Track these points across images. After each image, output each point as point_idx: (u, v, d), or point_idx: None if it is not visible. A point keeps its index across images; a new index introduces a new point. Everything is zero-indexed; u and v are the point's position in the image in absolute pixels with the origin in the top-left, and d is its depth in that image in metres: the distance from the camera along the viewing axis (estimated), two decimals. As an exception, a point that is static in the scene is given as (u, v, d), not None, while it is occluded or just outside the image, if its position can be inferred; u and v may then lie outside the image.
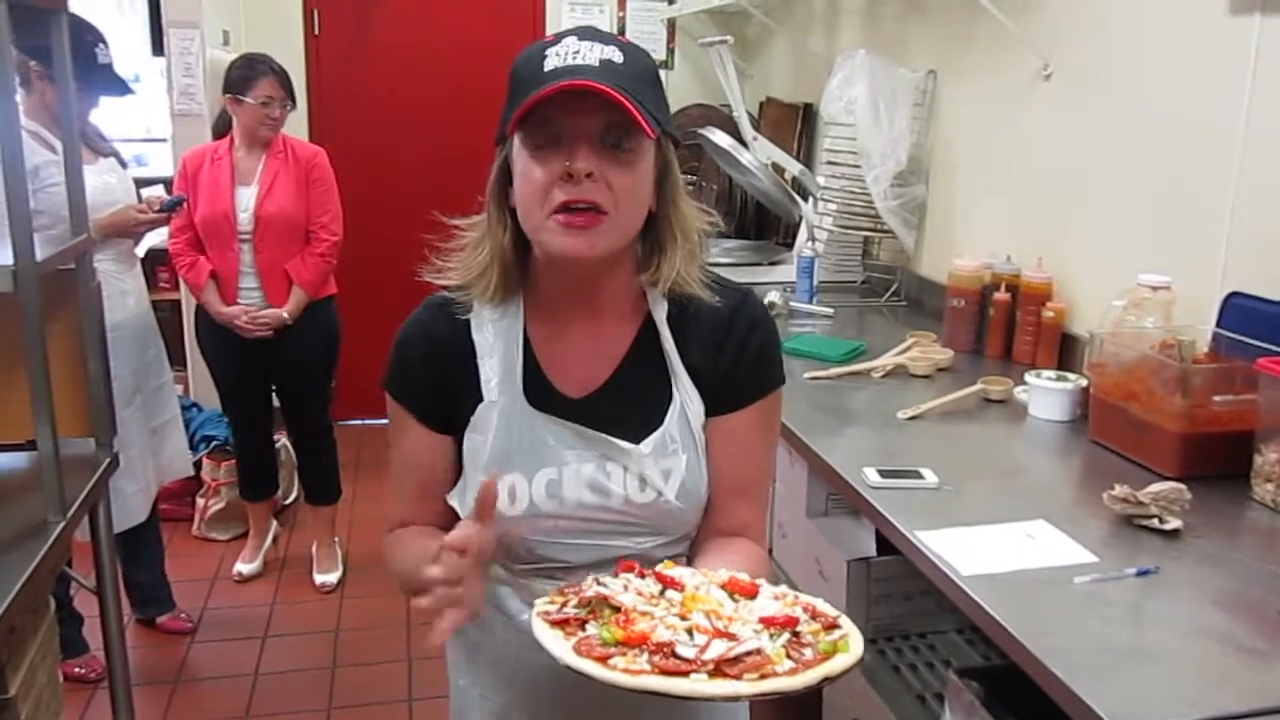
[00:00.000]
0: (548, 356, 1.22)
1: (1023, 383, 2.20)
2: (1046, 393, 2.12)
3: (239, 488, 3.68)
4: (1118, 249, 2.31)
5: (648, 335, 1.23)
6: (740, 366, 1.22)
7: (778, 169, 3.54)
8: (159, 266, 4.25)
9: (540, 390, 1.21)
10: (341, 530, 3.81)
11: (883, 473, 1.80)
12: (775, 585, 1.06)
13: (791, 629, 0.98)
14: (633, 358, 1.23)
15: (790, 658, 0.94)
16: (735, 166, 3.46)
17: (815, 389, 2.32)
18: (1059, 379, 2.14)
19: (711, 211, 1.28)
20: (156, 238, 3.46)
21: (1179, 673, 1.26)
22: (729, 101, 3.58)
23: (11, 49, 1.67)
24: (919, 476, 1.79)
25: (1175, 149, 2.14)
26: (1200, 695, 1.19)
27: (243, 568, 3.60)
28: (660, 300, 1.22)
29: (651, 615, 0.97)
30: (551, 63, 1.09)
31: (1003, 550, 1.54)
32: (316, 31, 4.65)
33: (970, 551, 1.53)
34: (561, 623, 0.99)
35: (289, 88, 3.24)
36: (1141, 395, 1.86)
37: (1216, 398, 1.79)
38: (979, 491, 1.79)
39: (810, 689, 0.93)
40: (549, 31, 4.67)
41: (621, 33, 4.74)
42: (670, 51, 4.85)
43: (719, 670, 0.91)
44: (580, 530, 1.21)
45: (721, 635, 0.95)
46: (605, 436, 1.19)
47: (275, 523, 3.80)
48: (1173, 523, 1.58)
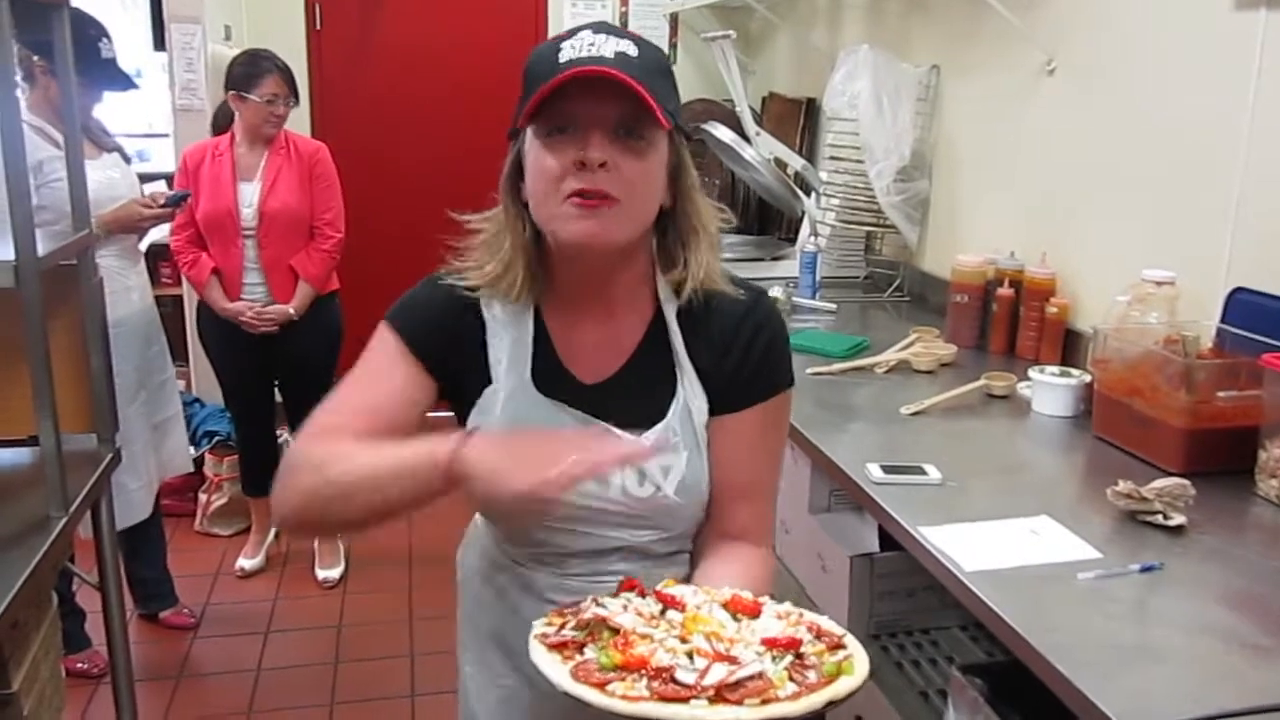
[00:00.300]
0: (563, 342, 1.23)
1: (1026, 378, 2.20)
2: (1050, 388, 2.12)
3: (241, 483, 3.69)
4: (1122, 244, 2.31)
5: (658, 329, 1.23)
6: (747, 366, 1.21)
7: (780, 164, 3.53)
8: (161, 262, 4.25)
9: (555, 375, 1.22)
10: (344, 526, 3.81)
11: (886, 468, 1.79)
12: (780, 603, 1.04)
13: (795, 650, 0.96)
14: (643, 350, 1.23)
15: (793, 680, 0.93)
16: (738, 161, 3.45)
17: (818, 384, 2.32)
18: (1063, 374, 2.14)
19: (724, 208, 1.27)
20: (158, 233, 3.46)
21: (1184, 669, 1.25)
22: (731, 96, 3.57)
23: (14, 43, 1.67)
24: (922, 472, 1.78)
25: (1180, 144, 2.14)
26: (1205, 692, 1.19)
27: (245, 563, 3.61)
28: (673, 297, 1.22)
29: (651, 638, 0.96)
30: (566, 55, 1.09)
31: (1006, 546, 1.53)
32: (318, 26, 4.64)
33: (974, 547, 1.52)
34: (560, 646, 0.98)
35: (293, 84, 3.24)
36: (1145, 391, 1.86)
37: (1221, 393, 1.78)
38: (982, 487, 1.79)
39: (814, 713, 0.92)
40: (551, 27, 4.69)
41: (624, 27, 4.74)
42: (673, 46, 4.84)
43: (720, 696, 0.90)
44: (579, 518, 1.21)
45: (722, 659, 0.93)
46: (607, 426, 1.19)
47: (278, 518, 3.80)
48: (1177, 519, 1.57)
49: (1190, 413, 1.77)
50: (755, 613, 1.02)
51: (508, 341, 1.21)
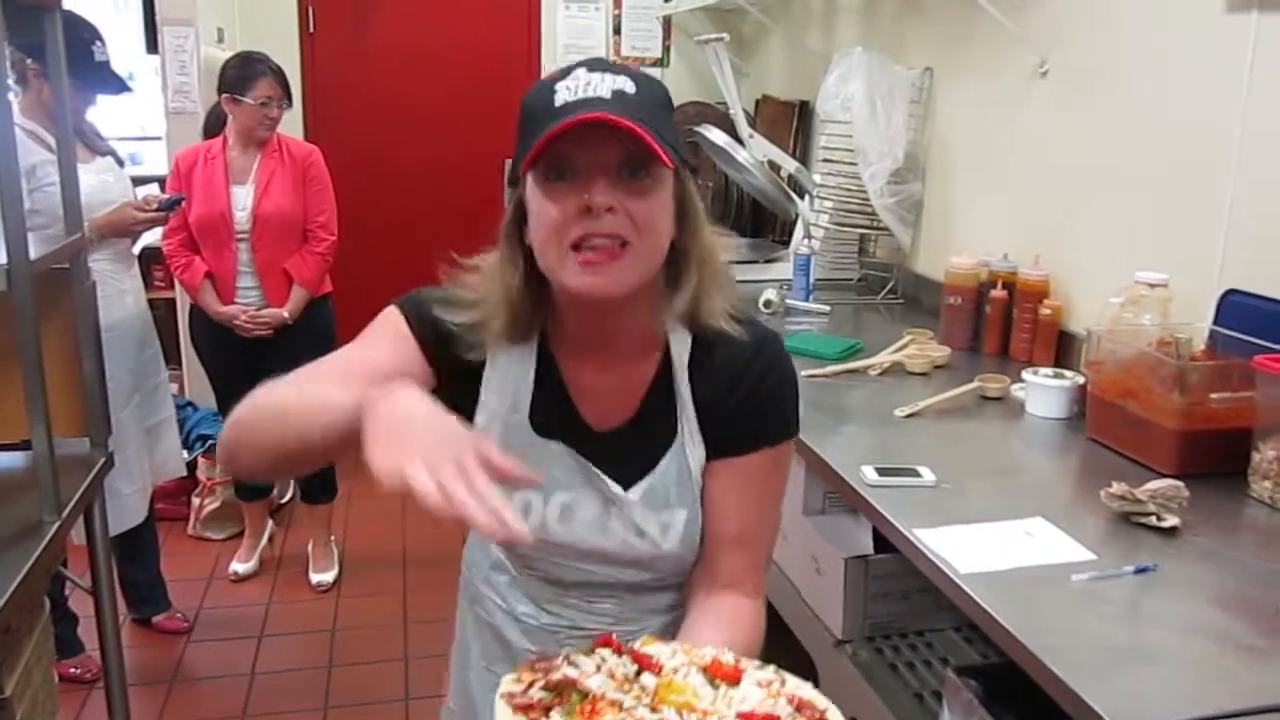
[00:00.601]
0: (575, 383, 1.20)
1: (1020, 380, 2.20)
2: (1044, 390, 2.12)
3: (234, 487, 3.68)
4: (1115, 246, 2.31)
5: (666, 372, 1.19)
6: (748, 408, 1.17)
7: (774, 167, 3.54)
8: (154, 265, 4.23)
9: (564, 416, 1.19)
10: (338, 529, 3.80)
11: (880, 471, 1.79)
12: (762, 668, 0.98)
13: None
14: (651, 396, 1.20)
15: None
16: (731, 164, 3.45)
17: (812, 387, 2.32)
18: (1056, 376, 2.14)
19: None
20: (151, 236, 3.45)
21: (1177, 670, 1.26)
22: (725, 99, 3.58)
23: (7, 46, 1.66)
24: (916, 474, 1.79)
25: (1172, 146, 2.14)
26: (1199, 693, 1.19)
27: (238, 567, 3.60)
28: (682, 337, 1.18)
29: (620, 705, 0.91)
30: (562, 97, 1.06)
31: (1001, 548, 1.54)
32: (311, 29, 4.64)
33: (968, 549, 1.52)
34: (525, 707, 0.93)
35: (286, 87, 3.23)
36: (1139, 392, 1.86)
37: (1214, 395, 1.78)
38: (977, 489, 1.79)
39: None
40: (544, 29, 4.69)
41: (617, 31, 4.74)
42: (666, 49, 4.84)
43: None
44: (575, 555, 1.20)
45: None
46: (601, 476, 1.18)
47: (271, 522, 3.80)
48: (1170, 520, 1.58)
49: (1183, 414, 1.77)
50: (735, 679, 0.96)
51: (505, 380, 1.18)
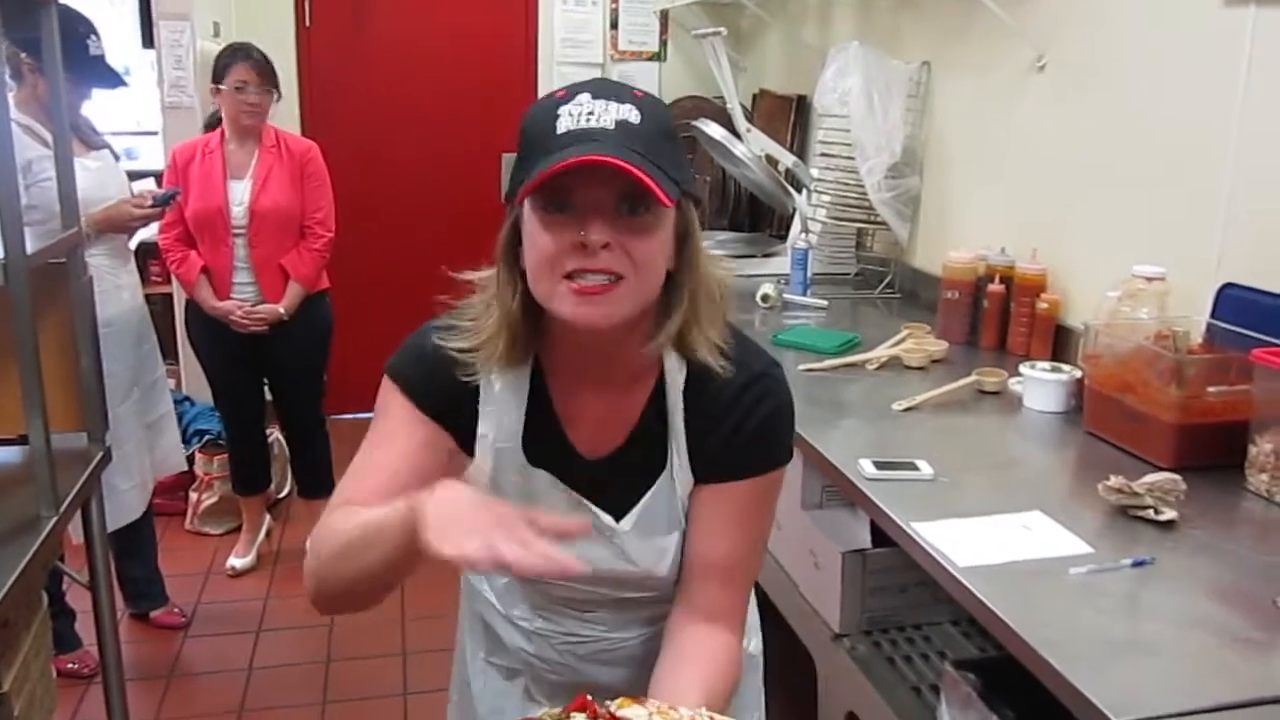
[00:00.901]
0: (565, 410, 1.19)
1: (1017, 374, 2.20)
2: (1041, 384, 2.12)
3: (232, 482, 3.67)
4: (1112, 240, 2.31)
5: (658, 401, 1.18)
6: (740, 436, 1.15)
7: (771, 161, 3.53)
8: (151, 260, 4.23)
9: (554, 444, 1.18)
10: (335, 524, 3.79)
11: (878, 464, 1.79)
12: None
13: None
14: (643, 424, 1.18)
15: None
16: (729, 158, 3.45)
17: (809, 381, 2.32)
18: (1053, 370, 2.14)
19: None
20: (147, 231, 3.44)
21: (1175, 663, 1.26)
22: (722, 93, 3.57)
23: (2, 41, 1.66)
24: (914, 468, 1.79)
25: (1170, 140, 2.14)
26: (1196, 686, 1.19)
27: (236, 562, 3.60)
28: (676, 366, 1.16)
29: None
30: (564, 124, 1.03)
31: (998, 541, 1.54)
32: (308, 23, 4.63)
33: (966, 543, 1.53)
34: None
35: (266, 74, 3.19)
36: (1136, 386, 1.86)
37: (1211, 389, 1.79)
38: (974, 483, 1.79)
39: None
40: (541, 24, 4.68)
41: (614, 25, 4.74)
42: (663, 43, 4.84)
43: None
44: (567, 577, 1.21)
45: None
46: (592, 508, 1.18)
47: (268, 517, 3.80)
48: (1168, 513, 1.58)
49: (1181, 408, 1.77)
50: None
51: (501, 409, 1.17)
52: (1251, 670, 1.23)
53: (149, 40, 4.36)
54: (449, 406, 1.16)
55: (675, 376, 1.16)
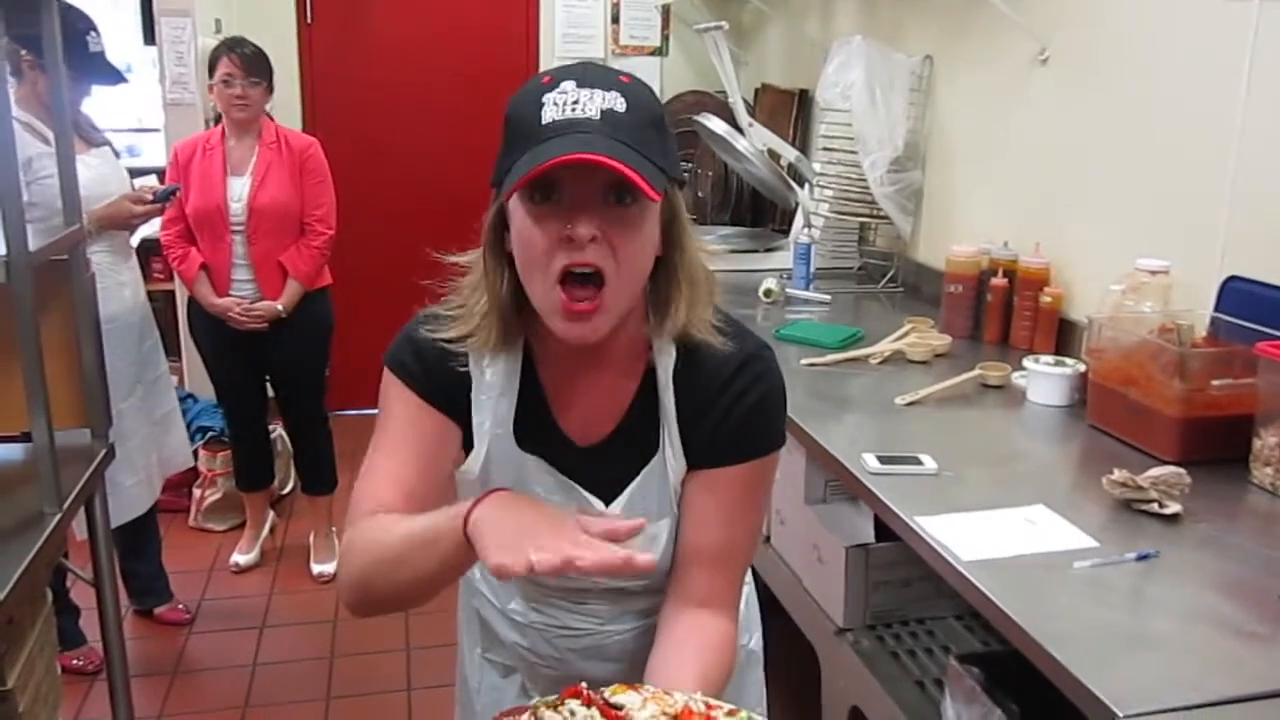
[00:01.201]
0: (556, 396, 1.19)
1: (1021, 368, 2.20)
2: (1045, 378, 2.12)
3: (235, 478, 3.67)
4: (1115, 233, 2.31)
5: (650, 386, 1.17)
6: (732, 421, 1.15)
7: (774, 155, 3.53)
8: (153, 257, 4.23)
9: (544, 430, 1.18)
10: (339, 520, 3.80)
11: (882, 459, 1.79)
12: (736, 715, 0.95)
13: None
14: (634, 410, 1.18)
15: None
16: (731, 153, 3.44)
17: (813, 375, 2.32)
18: (1057, 364, 2.14)
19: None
20: (149, 228, 3.44)
21: (1180, 657, 1.26)
22: (724, 88, 3.56)
23: (2, 37, 1.66)
24: (918, 462, 1.79)
25: (1173, 133, 2.14)
26: (1201, 679, 1.19)
27: (240, 558, 3.60)
28: (667, 351, 1.16)
29: None
30: (549, 114, 1.02)
31: (1002, 535, 1.54)
32: (309, 20, 4.62)
33: (970, 537, 1.53)
34: None
35: (253, 66, 3.16)
36: (1140, 380, 1.86)
37: (1215, 382, 1.78)
38: (978, 477, 1.79)
39: None
40: (542, 19, 4.67)
41: (615, 19, 4.72)
42: (664, 38, 4.82)
43: None
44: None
45: None
46: (582, 492, 1.17)
47: (272, 513, 3.80)
48: (1172, 507, 1.58)
49: (1185, 401, 1.77)
50: None
51: (493, 396, 1.17)
52: (1256, 664, 1.23)
53: (150, 37, 4.35)
54: (447, 394, 1.17)
55: (666, 360, 1.16)
